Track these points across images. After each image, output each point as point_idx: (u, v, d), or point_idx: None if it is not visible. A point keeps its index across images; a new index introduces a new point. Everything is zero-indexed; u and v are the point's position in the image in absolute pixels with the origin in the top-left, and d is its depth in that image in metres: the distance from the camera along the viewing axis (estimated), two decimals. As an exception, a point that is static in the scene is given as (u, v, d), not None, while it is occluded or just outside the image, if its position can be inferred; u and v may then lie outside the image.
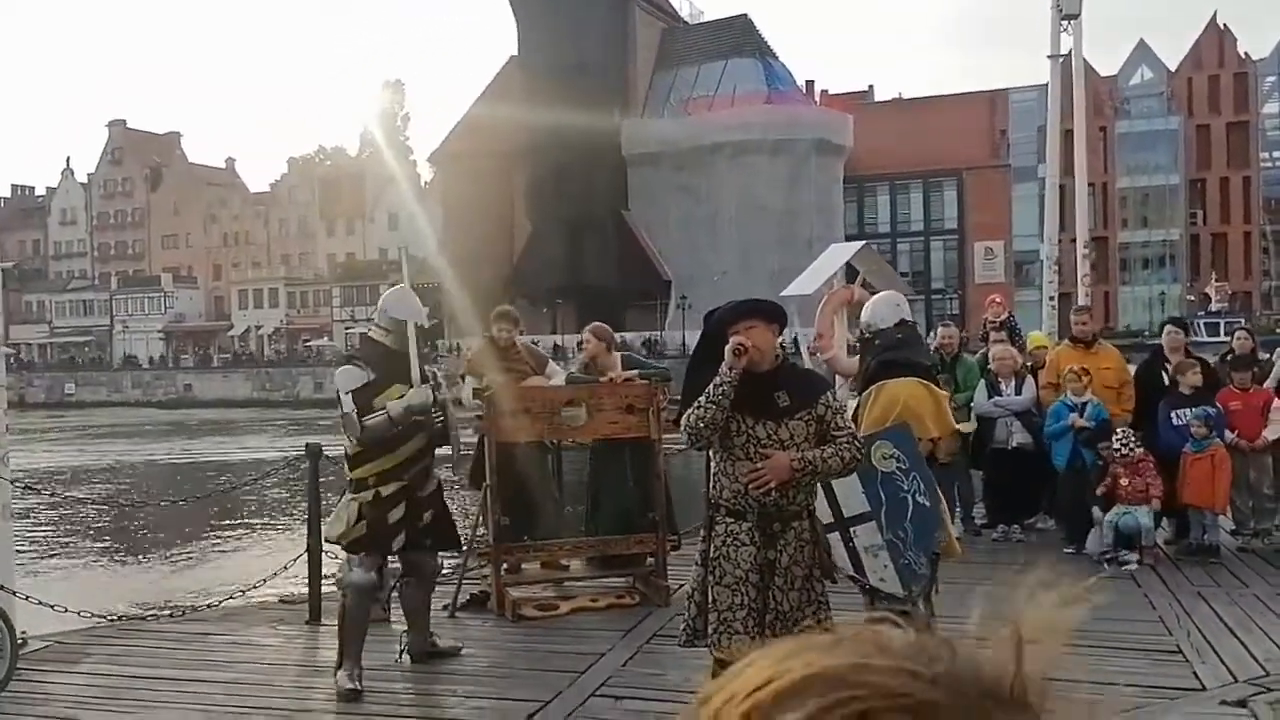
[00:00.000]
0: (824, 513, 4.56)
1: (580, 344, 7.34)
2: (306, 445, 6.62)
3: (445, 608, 6.44)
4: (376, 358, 5.29)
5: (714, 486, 3.78)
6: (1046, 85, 14.25)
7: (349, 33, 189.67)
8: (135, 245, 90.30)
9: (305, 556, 6.56)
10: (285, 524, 18.92)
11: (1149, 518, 7.19)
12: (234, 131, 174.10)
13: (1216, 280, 50.39)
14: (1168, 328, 8.21)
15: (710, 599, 3.71)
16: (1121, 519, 7.23)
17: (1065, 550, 7.68)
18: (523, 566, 6.96)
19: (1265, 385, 7.89)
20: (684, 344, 56.18)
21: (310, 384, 64.29)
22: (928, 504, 4.50)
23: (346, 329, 77.30)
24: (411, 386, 5.16)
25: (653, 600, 6.56)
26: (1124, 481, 7.24)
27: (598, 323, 7.52)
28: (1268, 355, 8.85)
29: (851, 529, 4.51)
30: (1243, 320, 22.97)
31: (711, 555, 3.72)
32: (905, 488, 4.46)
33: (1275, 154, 63.03)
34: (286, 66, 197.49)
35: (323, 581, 6.51)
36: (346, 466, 5.22)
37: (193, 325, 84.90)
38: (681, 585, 6.82)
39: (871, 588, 4.57)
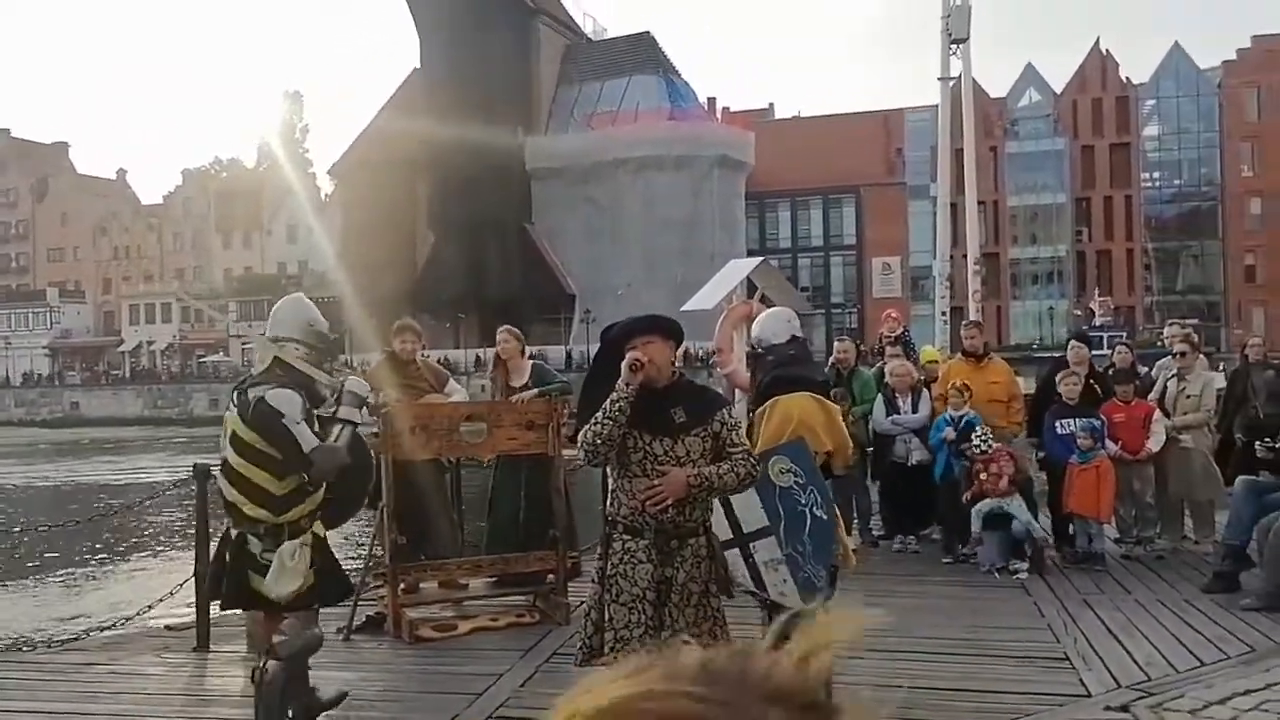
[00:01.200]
0: (723, 529, 4.56)
1: (478, 358, 7.27)
2: (194, 466, 6.38)
3: (339, 630, 6.27)
4: (305, 382, 4.48)
5: (611, 503, 3.75)
6: (937, 107, 14.67)
7: (245, 42, 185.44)
8: (19, 259, 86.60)
9: (192, 581, 6.31)
10: (172, 548, 18.28)
11: (1021, 509, 7.37)
12: (124, 142, 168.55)
13: (1100, 295, 52.40)
14: (1072, 343, 8.49)
15: (607, 617, 3.67)
16: (996, 517, 7.42)
17: (944, 560, 7.87)
18: (420, 586, 6.83)
19: (1148, 398, 8.20)
20: (588, 358, 56.28)
21: (205, 400, 62.42)
22: (825, 517, 4.54)
23: (244, 344, 75.37)
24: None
25: (553, 618, 6.49)
26: (983, 476, 7.46)
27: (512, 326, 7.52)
28: (1147, 369, 9.22)
29: (751, 544, 4.52)
30: (1123, 335, 23.90)
31: (608, 573, 3.69)
32: (803, 502, 4.50)
33: (1155, 174, 65.99)
34: (179, 76, 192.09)
35: (211, 607, 6.27)
36: (266, 512, 4.31)
37: (80, 341, 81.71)
38: (581, 603, 6.78)
39: (771, 602, 4.58)
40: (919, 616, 6.34)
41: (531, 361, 7.46)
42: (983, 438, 7.53)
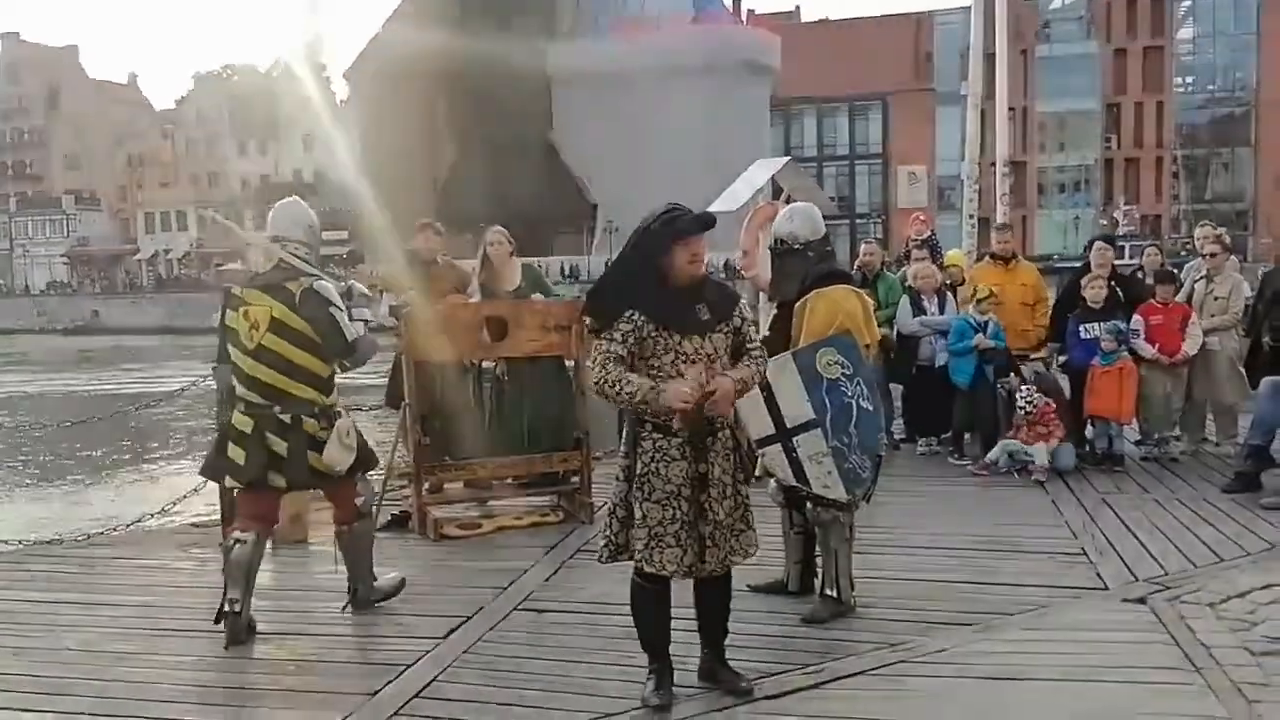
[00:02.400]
0: (763, 424, 4.56)
1: (486, 248, 7.13)
2: (214, 367, 6.40)
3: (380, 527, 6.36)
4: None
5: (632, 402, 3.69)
6: (970, 7, 14.21)
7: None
8: (34, 165, 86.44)
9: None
10: (195, 449, 18.56)
11: (1044, 456, 7.37)
12: (134, 45, 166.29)
13: (1125, 205, 51.62)
14: (1097, 244, 8.32)
15: (639, 515, 3.68)
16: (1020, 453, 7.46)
17: (951, 461, 7.90)
18: (445, 486, 6.90)
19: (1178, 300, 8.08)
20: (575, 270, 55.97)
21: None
22: (871, 408, 4.56)
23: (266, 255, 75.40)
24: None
25: (577, 517, 6.57)
26: (1025, 433, 7.46)
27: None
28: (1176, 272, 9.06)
29: (794, 438, 4.52)
30: (1147, 243, 23.55)
31: (639, 471, 3.69)
32: (849, 394, 4.50)
33: (1188, 79, 64.31)
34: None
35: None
36: (317, 393, 4.65)
37: (97, 249, 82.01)
38: (605, 503, 6.85)
39: (816, 495, 4.60)
40: (940, 515, 6.38)
41: (522, 263, 7.29)
42: (1028, 398, 7.47)
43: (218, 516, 6.40)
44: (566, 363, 6.94)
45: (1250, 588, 4.85)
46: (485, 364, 7.19)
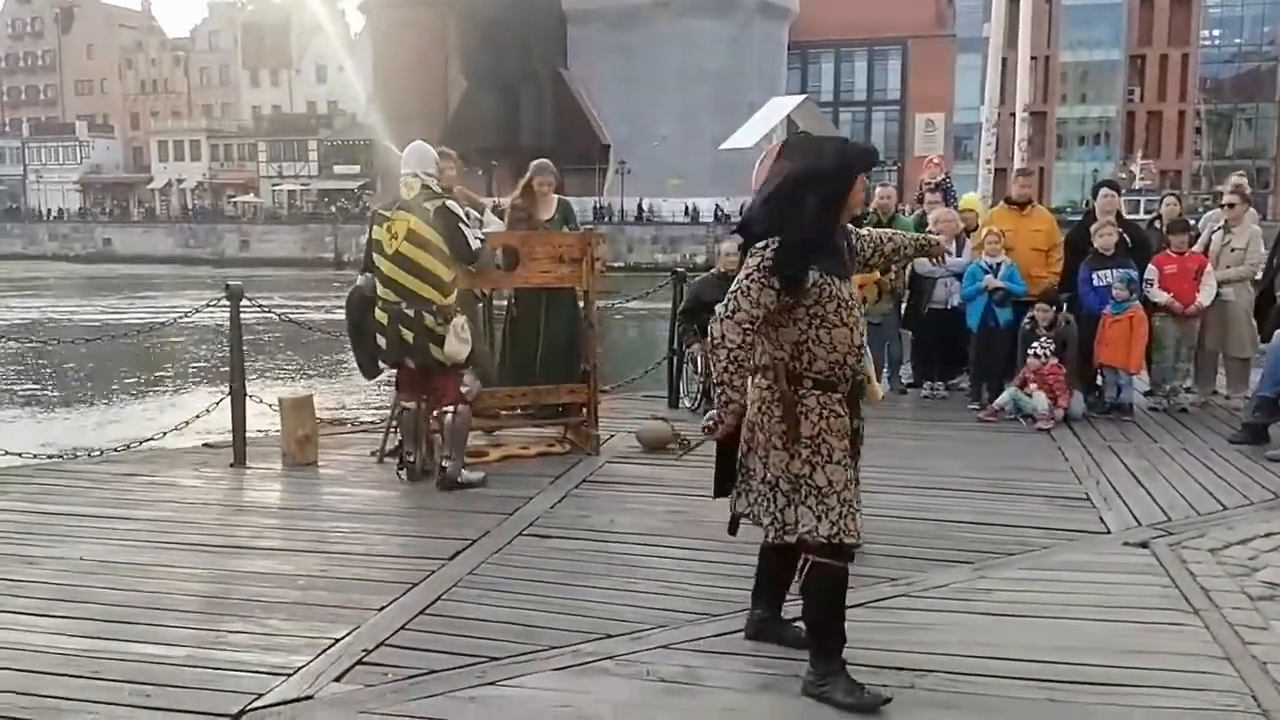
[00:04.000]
0: None
1: (523, 188, 7.18)
2: (228, 286, 6.43)
3: (373, 453, 6.43)
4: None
5: (798, 358, 3.29)
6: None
7: None
8: (47, 90, 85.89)
9: (228, 401, 6.45)
10: (207, 376, 18.68)
11: (1044, 402, 7.37)
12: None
13: (1142, 159, 50.92)
14: (1102, 190, 8.24)
15: (825, 481, 3.27)
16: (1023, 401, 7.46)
17: (970, 407, 7.90)
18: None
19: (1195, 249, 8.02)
20: (622, 210, 55.78)
21: (236, 241, 62.71)
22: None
23: (274, 185, 75.15)
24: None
25: (583, 448, 6.62)
26: (1033, 384, 7.44)
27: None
28: (1195, 222, 8.99)
29: None
30: (1168, 187, 23.27)
31: (810, 434, 3.27)
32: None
33: (1215, 32, 63.15)
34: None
35: (246, 425, 6.43)
36: (438, 294, 5.61)
37: (110, 177, 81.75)
38: (611, 435, 6.93)
39: None
40: (945, 458, 6.42)
41: (559, 198, 7.34)
42: (1044, 345, 7.45)
43: (229, 437, 6.49)
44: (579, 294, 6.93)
45: (1252, 535, 4.89)
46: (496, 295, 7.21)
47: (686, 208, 54.95)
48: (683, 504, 5.50)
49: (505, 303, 7.30)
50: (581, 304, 6.83)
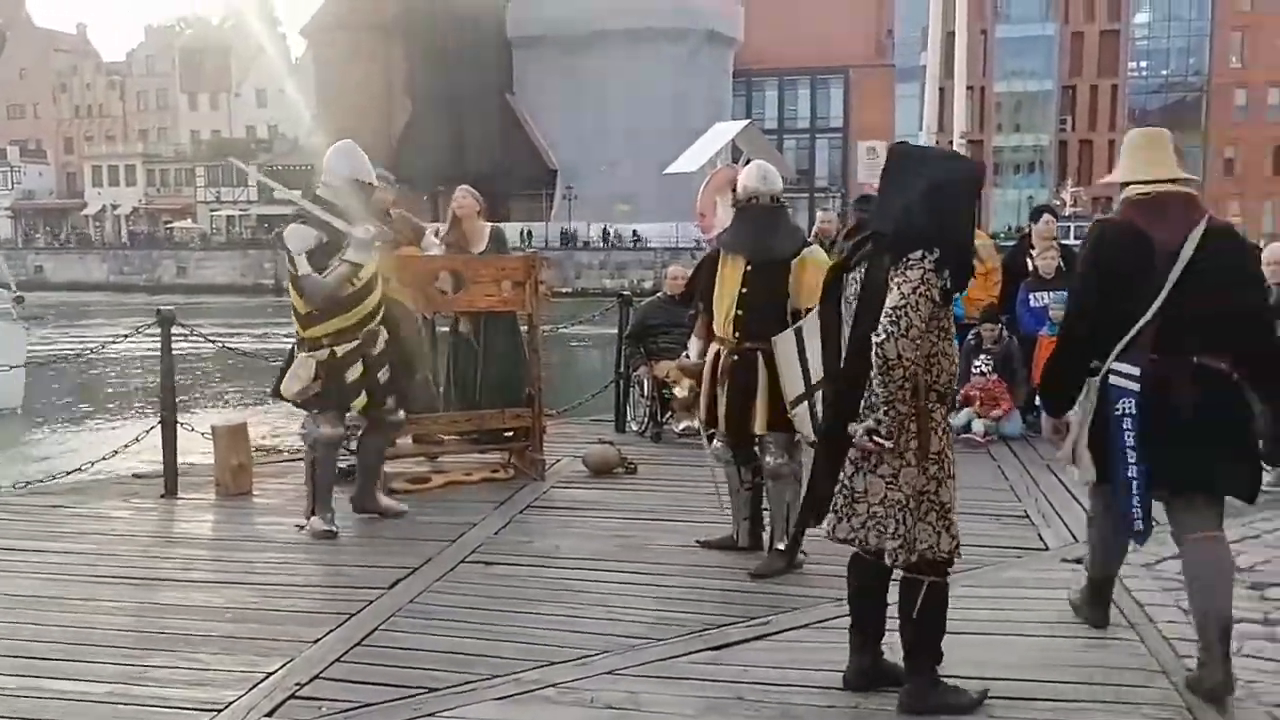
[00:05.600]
0: (798, 384, 4.52)
1: (454, 208, 7.10)
2: (159, 311, 6.28)
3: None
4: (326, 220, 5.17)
5: (929, 370, 3.17)
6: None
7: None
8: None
9: (159, 429, 6.29)
10: (138, 404, 18.27)
11: (981, 426, 7.54)
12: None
13: (1072, 186, 52.13)
14: (1044, 215, 8.42)
15: (948, 499, 3.22)
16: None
17: None
18: (395, 441, 6.82)
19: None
20: (570, 236, 55.81)
21: (173, 268, 61.60)
22: None
23: (212, 210, 74.04)
24: None
25: (527, 474, 6.55)
26: (977, 402, 7.58)
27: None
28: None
29: (816, 394, 4.49)
30: (1100, 213, 23.92)
31: (937, 450, 3.19)
32: None
33: (1142, 64, 65.08)
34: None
35: (178, 454, 6.27)
36: (298, 326, 5.23)
37: (43, 203, 79.94)
38: (558, 460, 6.87)
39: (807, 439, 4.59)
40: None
41: (490, 226, 7.26)
42: (985, 361, 7.60)
43: (160, 467, 6.32)
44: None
45: (1185, 550, 4.96)
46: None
47: (634, 232, 55.21)
48: (629, 528, 5.46)
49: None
50: (525, 328, 6.79)
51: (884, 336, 3.07)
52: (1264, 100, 61.57)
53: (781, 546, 4.72)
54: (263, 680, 3.57)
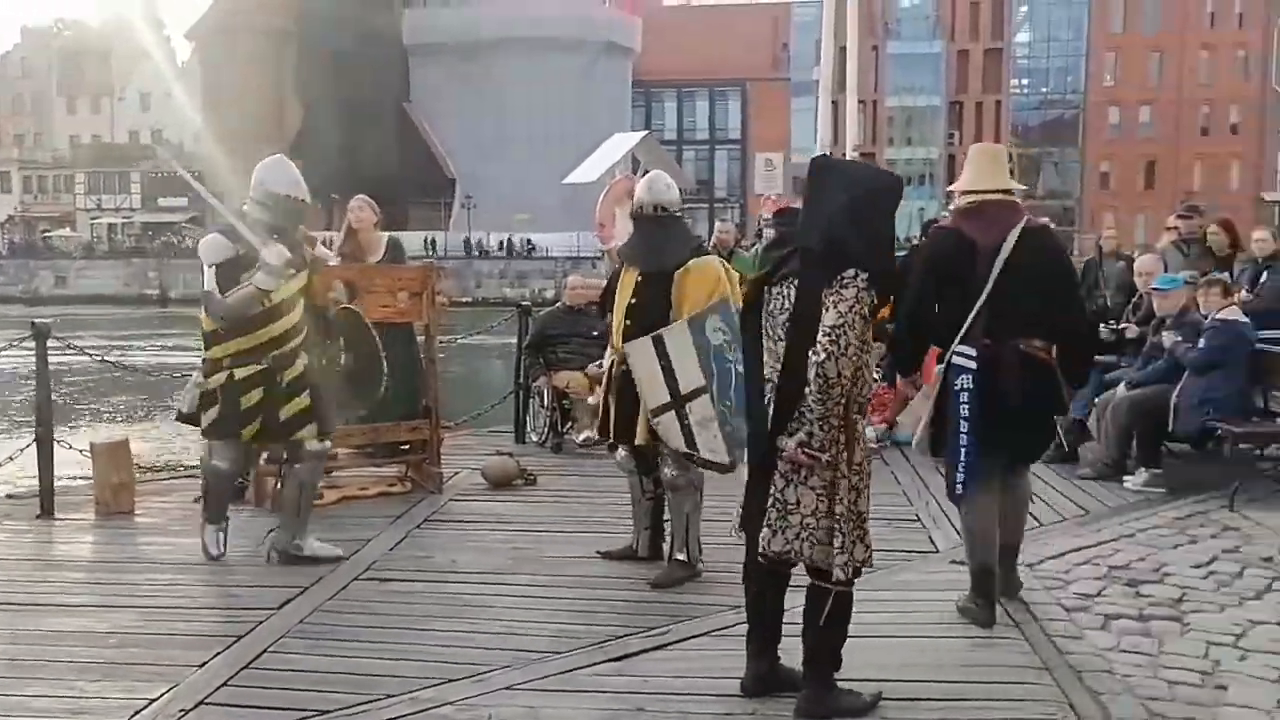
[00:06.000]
0: (661, 394, 4.55)
1: (350, 219, 6.98)
2: (33, 324, 6.01)
3: (196, 499, 6.09)
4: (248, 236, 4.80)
5: (856, 384, 3.25)
6: (823, 2, 14.51)
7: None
8: None
9: (34, 448, 6.01)
10: (12, 419, 17.46)
11: (872, 433, 7.69)
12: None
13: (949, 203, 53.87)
14: (933, 228, 8.64)
15: (866, 507, 3.33)
16: None
17: None
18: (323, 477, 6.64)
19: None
20: (471, 246, 55.26)
21: (51, 278, 58.99)
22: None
23: (93, 218, 71.19)
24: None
25: (425, 487, 6.46)
26: (874, 417, 7.75)
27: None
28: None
29: (687, 405, 4.54)
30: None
31: (859, 460, 3.27)
32: (731, 359, 4.53)
33: (1024, 81, 67.66)
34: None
35: (54, 473, 6.00)
36: (202, 345, 4.97)
37: (-90, 210, 75.73)
38: (456, 473, 6.78)
39: (704, 460, 4.62)
40: (783, 486, 6.54)
41: (387, 235, 7.16)
42: (875, 370, 7.78)
43: (36, 486, 6.04)
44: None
45: (1065, 549, 5.17)
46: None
47: (528, 241, 55.07)
48: (527, 540, 5.43)
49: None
50: (422, 339, 6.70)
51: (824, 356, 3.12)
52: (1136, 118, 64.58)
53: (681, 556, 4.76)
54: (145, 708, 3.44)
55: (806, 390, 3.17)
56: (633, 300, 4.75)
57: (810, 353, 3.15)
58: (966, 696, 3.55)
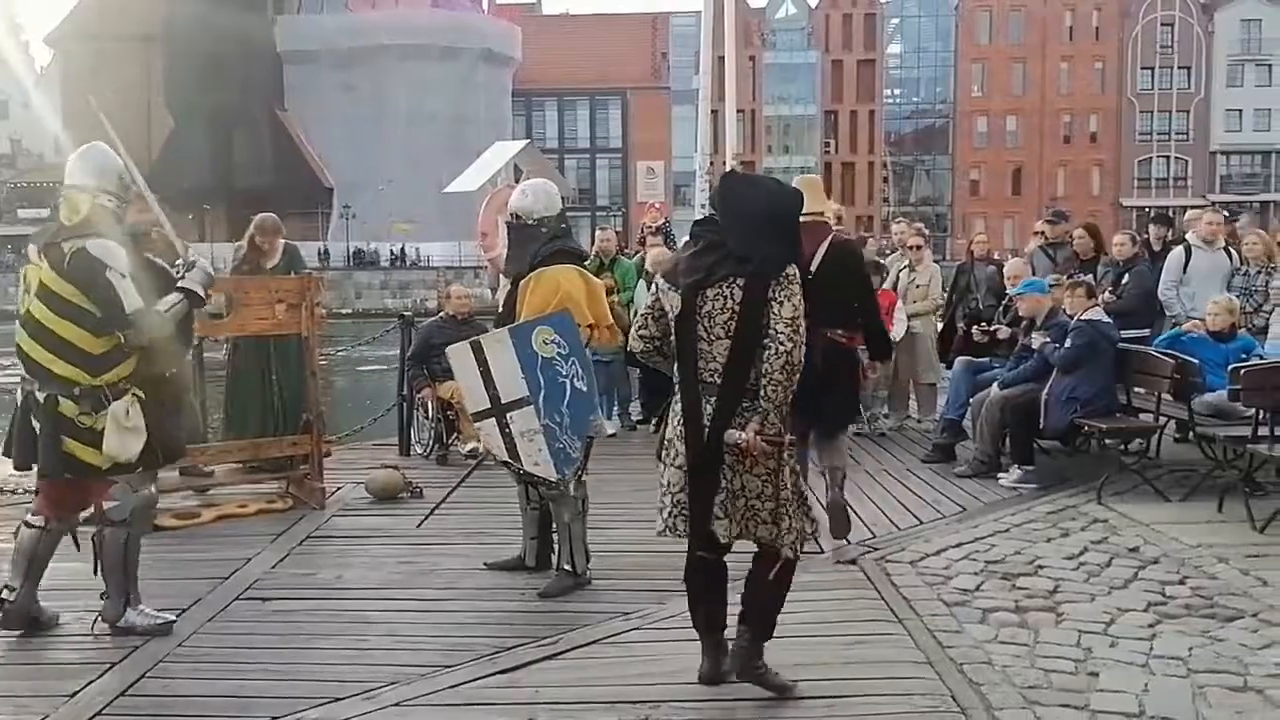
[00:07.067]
0: (480, 399, 4.52)
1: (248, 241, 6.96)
2: None
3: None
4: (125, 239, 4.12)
5: None
6: (701, 12, 14.71)
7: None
8: None
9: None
10: None
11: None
12: None
13: (835, 205, 55.28)
14: None
15: (802, 488, 3.68)
16: None
17: None
18: (159, 474, 6.40)
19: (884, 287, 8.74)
20: (347, 256, 54.14)
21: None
22: (585, 389, 4.57)
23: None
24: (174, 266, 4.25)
25: (307, 503, 6.30)
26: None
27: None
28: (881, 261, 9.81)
29: (508, 414, 4.50)
30: (861, 232, 25.61)
31: (793, 442, 3.64)
32: (564, 373, 4.51)
33: (896, 91, 69.89)
34: None
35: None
36: (81, 372, 3.98)
37: None
38: (339, 488, 6.63)
39: (525, 472, 4.61)
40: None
41: (284, 242, 7.12)
42: None
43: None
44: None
45: (945, 546, 5.35)
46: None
47: (401, 250, 54.42)
48: (415, 554, 5.35)
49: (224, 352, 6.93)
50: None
51: (791, 345, 3.35)
52: (1003, 127, 67.36)
53: (568, 566, 4.75)
54: (10, 744, 3.27)
55: (762, 381, 3.35)
56: (500, 309, 4.88)
57: (762, 345, 3.35)
58: (852, 693, 3.64)
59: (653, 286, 3.78)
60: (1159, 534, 5.54)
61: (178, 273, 4.29)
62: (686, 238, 3.87)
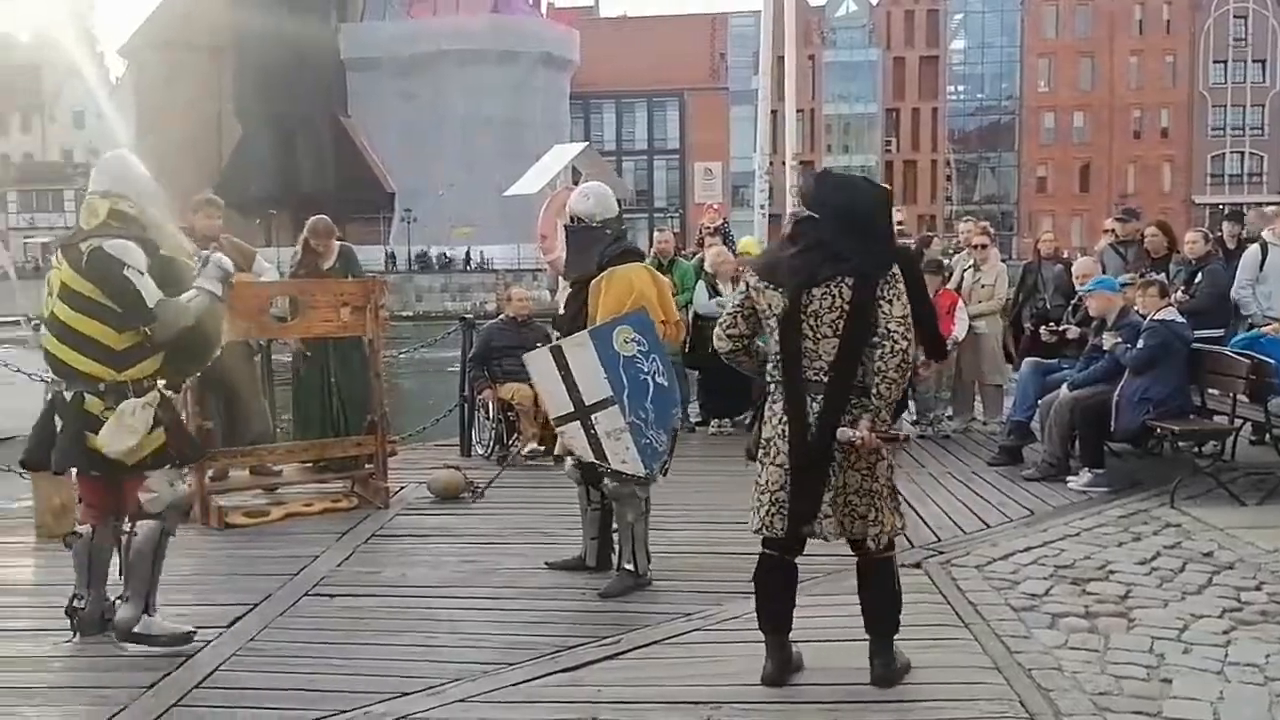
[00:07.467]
0: (563, 403, 4.56)
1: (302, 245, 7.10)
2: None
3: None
4: (144, 237, 4.13)
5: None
6: (760, 12, 14.68)
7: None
8: None
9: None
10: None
11: None
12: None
13: (896, 206, 54.71)
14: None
15: (894, 485, 3.83)
16: None
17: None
18: (230, 473, 6.57)
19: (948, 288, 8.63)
20: (409, 259, 54.89)
21: (-18, 298, 57.50)
22: (666, 383, 4.62)
23: (25, 238, 69.49)
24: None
25: (371, 503, 6.39)
26: None
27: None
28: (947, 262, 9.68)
29: (593, 415, 4.54)
30: (926, 231, 25.30)
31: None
32: (646, 369, 4.55)
33: (959, 88, 68.89)
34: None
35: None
36: (105, 368, 4.00)
37: None
38: (402, 487, 6.73)
39: (614, 470, 4.63)
40: (734, 493, 6.53)
41: (338, 243, 7.23)
42: None
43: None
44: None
45: (1012, 550, 5.25)
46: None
47: (467, 253, 55.08)
48: (476, 553, 5.40)
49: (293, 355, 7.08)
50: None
51: (906, 344, 3.39)
52: (1070, 123, 66.06)
53: (629, 566, 4.76)
54: (90, 734, 3.37)
55: (874, 379, 3.40)
56: (560, 312, 4.88)
57: (871, 344, 3.40)
58: (919, 698, 3.59)
59: (741, 285, 3.80)
60: (1234, 539, 5.39)
61: (195, 272, 4.29)
62: (785, 232, 3.85)
